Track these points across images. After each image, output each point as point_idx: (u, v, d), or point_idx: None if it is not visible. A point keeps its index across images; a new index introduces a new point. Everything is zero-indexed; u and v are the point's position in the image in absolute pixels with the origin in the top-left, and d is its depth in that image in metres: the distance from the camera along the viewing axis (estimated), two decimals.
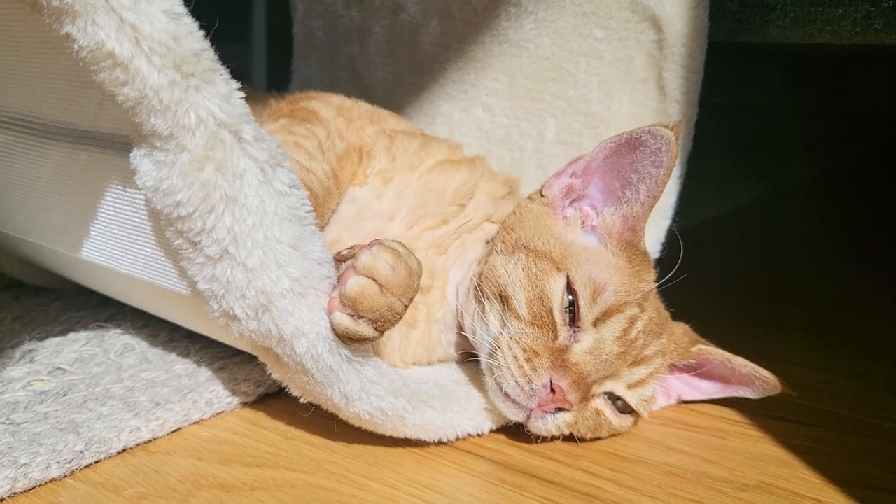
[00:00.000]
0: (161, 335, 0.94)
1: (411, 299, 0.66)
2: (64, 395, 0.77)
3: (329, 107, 0.89)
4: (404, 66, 1.30)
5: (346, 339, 0.64)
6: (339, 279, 0.65)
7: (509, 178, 0.95)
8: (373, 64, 1.35)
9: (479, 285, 0.80)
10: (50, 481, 0.65)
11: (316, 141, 0.80)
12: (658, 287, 0.80)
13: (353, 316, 0.63)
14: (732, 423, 0.85)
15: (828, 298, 1.27)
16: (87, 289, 1.01)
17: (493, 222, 0.89)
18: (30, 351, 0.88)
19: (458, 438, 0.76)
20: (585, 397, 0.74)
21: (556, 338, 0.73)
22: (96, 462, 0.69)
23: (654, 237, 1.03)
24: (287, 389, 0.72)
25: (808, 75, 1.11)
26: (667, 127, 0.72)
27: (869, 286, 1.34)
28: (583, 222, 0.80)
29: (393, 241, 0.67)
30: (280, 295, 0.61)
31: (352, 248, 0.70)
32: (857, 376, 1.02)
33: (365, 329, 0.64)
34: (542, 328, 0.73)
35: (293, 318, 0.62)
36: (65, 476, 0.66)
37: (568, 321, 0.74)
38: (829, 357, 1.08)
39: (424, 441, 0.74)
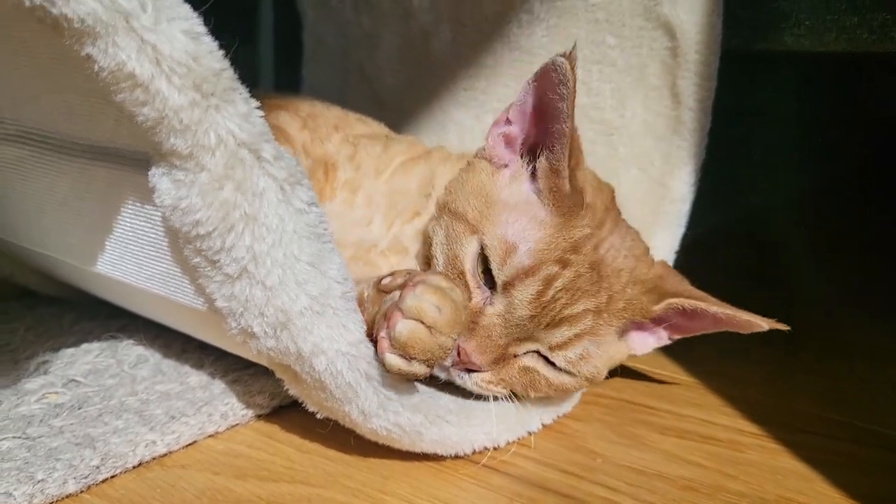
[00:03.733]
0: (174, 346, 0.94)
1: (460, 332, 0.66)
2: (79, 409, 0.77)
3: (296, 119, 0.89)
4: (415, 73, 1.30)
5: (400, 377, 0.65)
6: (385, 316, 0.65)
7: (466, 153, 0.94)
8: (383, 71, 1.34)
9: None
10: (66, 497, 0.65)
11: None
12: None
13: (405, 357, 0.63)
14: (749, 434, 0.84)
15: (840, 304, 1.27)
16: (98, 298, 1.01)
17: None
18: (44, 362, 0.88)
19: (474, 452, 0.76)
20: (501, 358, 0.73)
21: (469, 300, 0.73)
22: (112, 476, 0.69)
23: (668, 245, 1.03)
24: (303, 403, 0.72)
25: (824, 83, 1.11)
26: (562, 56, 0.69)
27: (885, 292, 1.33)
28: (514, 174, 0.78)
29: (434, 274, 0.67)
30: (299, 313, 0.61)
31: (392, 274, 0.71)
32: (874, 386, 1.01)
33: (418, 368, 0.64)
34: None
35: (312, 336, 0.62)
36: (81, 491, 0.66)
37: (483, 283, 0.73)
38: (844, 365, 1.08)
39: (441, 455, 0.74)
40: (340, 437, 0.74)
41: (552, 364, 0.75)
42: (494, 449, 0.77)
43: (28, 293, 1.12)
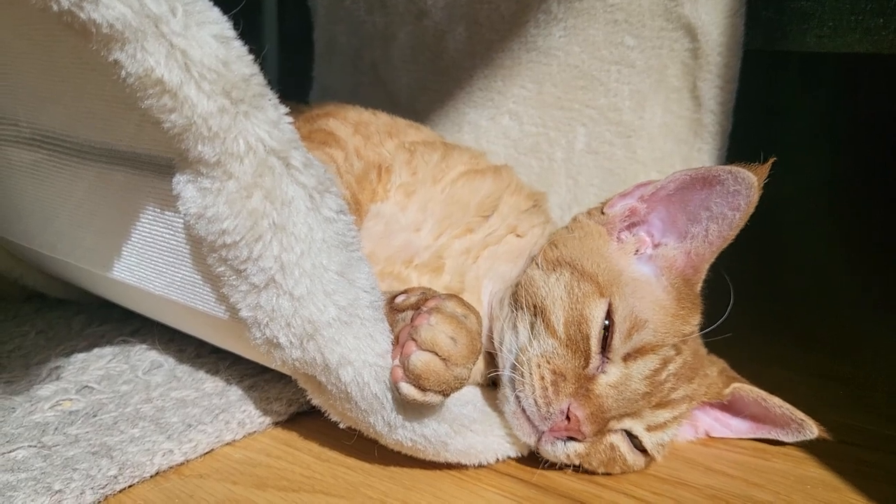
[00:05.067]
0: (188, 350, 0.93)
1: (476, 360, 0.65)
2: (94, 416, 0.76)
3: (346, 125, 0.88)
4: (428, 73, 1.28)
5: (414, 406, 0.64)
6: (398, 341, 0.64)
7: (535, 191, 0.93)
8: (396, 70, 1.33)
9: (514, 293, 0.79)
10: None
11: (334, 166, 0.79)
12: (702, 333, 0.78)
13: (420, 388, 0.62)
14: (775, 442, 0.83)
15: (867, 308, 1.25)
16: (108, 300, 1.00)
17: (517, 235, 0.88)
18: (56, 368, 0.86)
19: (497, 461, 0.75)
20: (601, 431, 0.71)
21: (586, 365, 0.71)
22: (129, 486, 0.67)
23: None
24: (326, 413, 0.71)
25: (847, 83, 1.10)
26: (750, 170, 0.69)
27: None
28: (636, 250, 0.77)
29: (448, 299, 0.66)
30: (327, 324, 0.60)
31: (406, 291, 0.69)
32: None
33: (433, 398, 0.63)
34: (575, 352, 0.71)
35: (339, 347, 0.61)
36: (98, 502, 0.64)
37: (599, 350, 0.72)
38: (870, 372, 1.06)
39: (464, 464, 0.73)
40: (360, 445, 0.73)
41: (633, 444, 0.74)
42: (518, 458, 0.76)
43: (36, 295, 1.11)
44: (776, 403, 0.80)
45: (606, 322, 0.72)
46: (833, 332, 1.20)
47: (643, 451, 0.75)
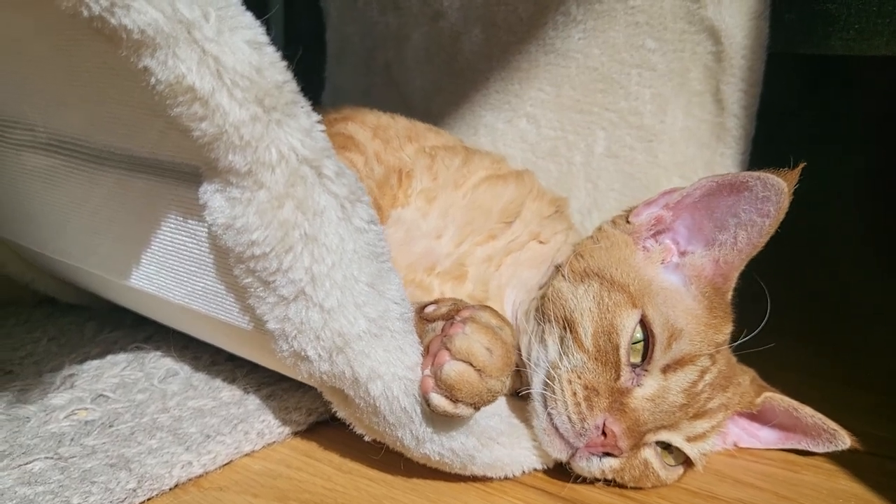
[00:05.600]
0: (203, 357, 0.91)
1: (510, 374, 0.64)
2: (110, 426, 0.75)
3: (365, 128, 0.87)
4: (443, 75, 1.27)
5: (444, 418, 0.63)
6: (428, 350, 0.62)
7: (557, 196, 0.92)
8: (410, 71, 1.31)
9: (540, 307, 0.77)
10: None
11: (354, 171, 0.77)
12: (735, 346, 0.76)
13: (451, 399, 0.61)
14: (804, 454, 0.82)
15: (884, 313, 1.24)
16: (122, 306, 0.98)
17: (540, 242, 0.86)
18: (70, 375, 0.85)
19: (523, 473, 0.73)
20: (637, 445, 0.70)
21: (618, 377, 0.69)
22: (148, 500, 0.66)
23: None
24: (350, 425, 0.69)
25: (873, 87, 1.09)
26: (779, 175, 0.68)
27: None
28: (663, 258, 0.76)
29: (482, 309, 0.64)
30: (357, 336, 0.59)
31: (436, 301, 0.68)
32: None
33: (464, 411, 0.62)
34: (605, 365, 0.70)
35: (369, 360, 0.59)
36: None
37: (630, 361, 0.70)
38: (879, 378, 1.05)
39: (489, 477, 0.71)
40: (382, 456, 0.71)
41: (672, 456, 0.74)
42: (545, 470, 0.75)
43: (47, 300, 1.10)
44: (808, 413, 0.78)
45: (639, 335, 0.70)
46: (849, 336, 1.18)
47: (682, 462, 0.74)
